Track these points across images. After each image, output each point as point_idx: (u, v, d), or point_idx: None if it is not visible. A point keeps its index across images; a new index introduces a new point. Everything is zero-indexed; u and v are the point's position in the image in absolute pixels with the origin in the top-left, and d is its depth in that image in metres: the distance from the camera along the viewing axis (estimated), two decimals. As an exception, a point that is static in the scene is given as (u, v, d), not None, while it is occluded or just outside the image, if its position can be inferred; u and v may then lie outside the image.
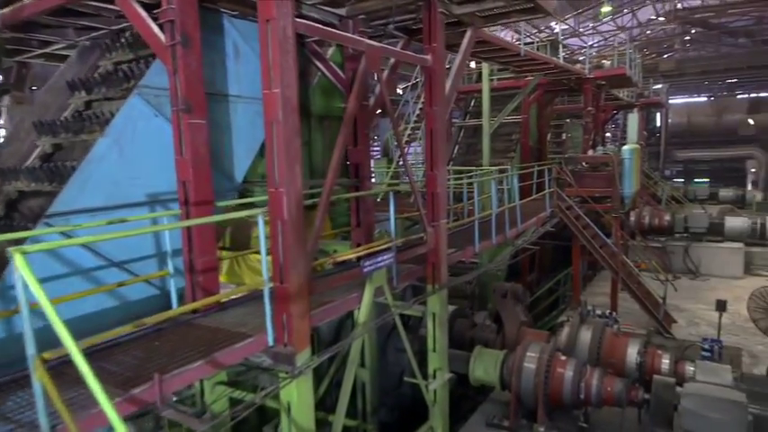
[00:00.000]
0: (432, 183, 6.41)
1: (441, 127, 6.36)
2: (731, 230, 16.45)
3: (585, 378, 6.58)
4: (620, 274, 11.74)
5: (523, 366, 6.77)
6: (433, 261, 6.46)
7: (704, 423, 5.43)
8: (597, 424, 7.02)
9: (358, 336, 5.20)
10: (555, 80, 14.66)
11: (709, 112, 36.22)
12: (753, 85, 38.54)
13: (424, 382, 6.44)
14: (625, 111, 23.40)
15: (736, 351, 9.68)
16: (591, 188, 12.86)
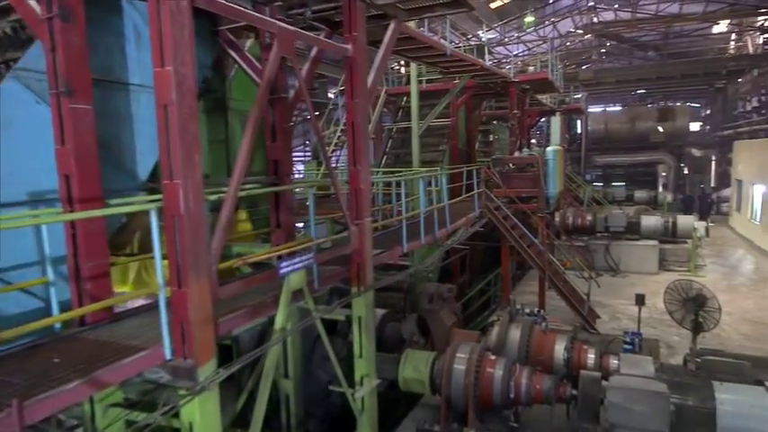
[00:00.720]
0: (354, 179, 6.09)
1: (362, 120, 6.06)
2: (646, 229, 17.33)
3: (515, 377, 6.48)
4: (546, 273, 11.94)
5: (453, 368, 6.57)
6: (357, 262, 6.13)
7: (628, 416, 5.43)
8: (527, 423, 6.95)
9: (274, 343, 4.75)
10: (482, 83, 14.86)
11: (623, 119, 38.41)
12: (661, 95, 41.48)
13: (350, 390, 6.07)
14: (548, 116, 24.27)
15: (655, 343, 10.04)
16: (518, 189, 13.07)
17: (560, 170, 13.58)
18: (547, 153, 13.06)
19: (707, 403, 5.54)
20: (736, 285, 14.85)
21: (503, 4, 30.57)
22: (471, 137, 17.08)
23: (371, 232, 6.39)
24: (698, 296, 9.60)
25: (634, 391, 5.44)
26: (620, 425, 5.51)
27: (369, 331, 6.33)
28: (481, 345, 6.86)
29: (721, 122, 36.49)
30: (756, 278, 15.60)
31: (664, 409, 5.33)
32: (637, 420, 5.39)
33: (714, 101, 40.44)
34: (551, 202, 13.31)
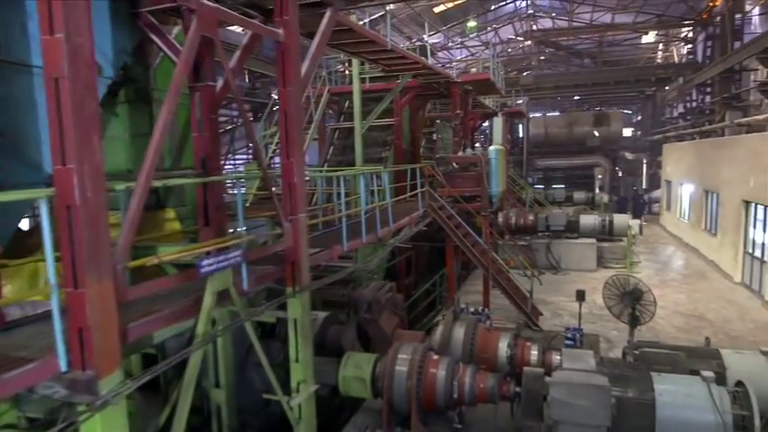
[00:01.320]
0: (287, 172, 5.72)
1: (296, 110, 5.71)
2: (585, 227, 17.85)
3: (458, 377, 6.29)
4: (490, 271, 11.95)
5: (395, 369, 6.31)
6: (292, 260, 5.76)
7: (571, 411, 5.34)
8: (472, 423, 6.78)
9: (195, 349, 4.31)
10: (426, 83, 14.79)
11: (562, 124, 39.77)
12: (596, 101, 43.34)
13: (285, 397, 5.68)
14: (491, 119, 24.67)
15: (595, 338, 10.19)
16: (461, 188, 13.06)
17: (503, 169, 13.69)
18: (489, 152, 13.12)
19: (646, 395, 5.54)
20: (668, 280, 15.48)
21: (446, 8, 30.91)
22: (416, 137, 17.00)
23: (308, 230, 6.03)
24: (634, 290, 9.81)
25: (576, 386, 5.36)
26: (563, 421, 5.41)
27: (305, 334, 5.96)
28: (424, 345, 6.63)
29: (651, 127, 38.54)
30: (686, 273, 16.34)
31: (605, 403, 5.27)
32: (579, 415, 5.30)
33: (645, 107, 42.64)
34: (494, 200, 13.39)
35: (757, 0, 25.94)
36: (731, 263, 15.36)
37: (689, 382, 5.62)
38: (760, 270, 13.47)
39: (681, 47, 35.52)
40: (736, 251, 15.00)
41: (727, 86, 22.13)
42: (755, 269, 13.84)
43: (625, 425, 5.50)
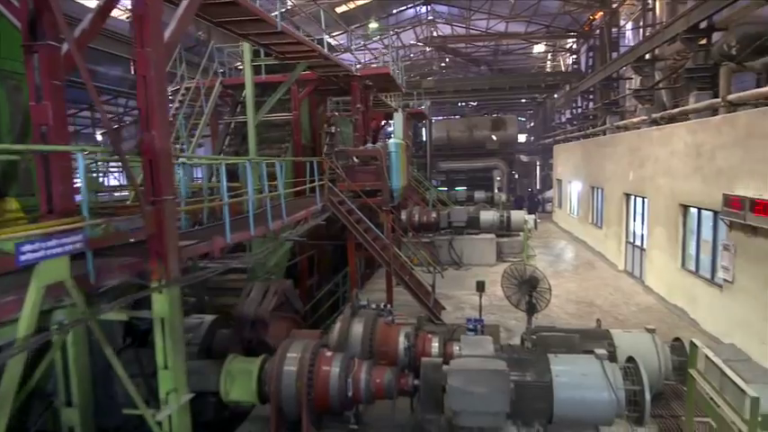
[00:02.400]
0: (148, 147, 4.90)
1: (157, 76, 4.92)
2: (485, 223, 18.29)
3: (353, 373, 5.79)
4: (392, 266, 11.64)
5: (283, 370, 5.68)
6: (156, 250, 4.94)
7: (470, 399, 5.04)
8: (371, 423, 6.31)
9: (9, 356, 3.41)
10: (324, 76, 14.26)
11: (462, 128, 41.14)
12: (494, 107, 45.45)
13: (149, 411, 4.84)
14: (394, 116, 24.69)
15: (495, 328, 10.18)
16: (362, 182, 12.68)
17: (403, 164, 13.51)
18: (389, 146, 12.88)
19: (544, 377, 5.40)
20: (561, 271, 16.18)
21: (348, 9, 30.67)
22: (316, 134, 16.43)
23: (176, 214, 5.24)
24: (531, 278, 9.96)
25: (474, 373, 5.07)
26: (462, 410, 5.10)
27: (176, 336, 5.15)
28: (316, 342, 6.06)
29: (543, 132, 41.03)
30: (577, 264, 17.21)
31: (504, 388, 5.03)
32: (479, 403, 5.02)
33: (537, 114, 45.43)
34: (396, 195, 13.14)
35: (630, 16, 28.40)
36: (615, 253, 16.39)
37: (584, 361, 5.56)
38: (640, 258, 14.44)
39: (567, 57, 38.16)
40: (620, 242, 16.02)
41: (607, 93, 23.86)
42: (636, 257, 14.83)
43: (524, 409, 5.31)
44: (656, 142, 13.01)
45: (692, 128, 11.15)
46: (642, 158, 13.96)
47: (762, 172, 8.50)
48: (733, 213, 8.94)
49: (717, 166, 9.92)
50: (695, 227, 11.22)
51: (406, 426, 5.98)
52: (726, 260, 9.54)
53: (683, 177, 11.37)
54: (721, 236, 9.90)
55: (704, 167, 10.42)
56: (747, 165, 8.92)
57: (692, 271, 11.33)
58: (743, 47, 11.14)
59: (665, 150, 12.42)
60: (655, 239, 13.16)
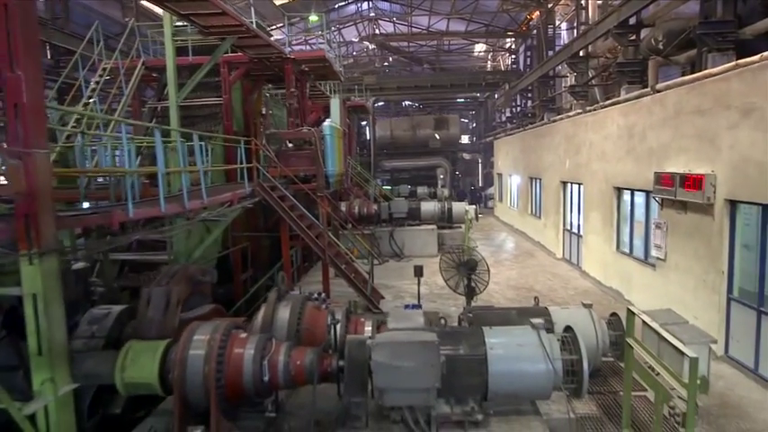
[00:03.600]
0: (13, 89, 4.11)
1: (23, 3, 4.14)
2: (426, 214, 18.05)
3: (270, 355, 5.17)
4: (327, 254, 11.06)
5: (188, 354, 4.98)
6: (25, 212, 4.15)
7: (397, 376, 4.56)
8: (293, 411, 5.71)
9: None
10: (256, 57, 13.49)
11: (406, 127, 41.24)
12: (436, 106, 45.77)
13: (15, 404, 4.04)
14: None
15: (434, 314, 9.81)
16: (295, 167, 12.04)
17: (339, 149, 12.96)
18: (323, 128, 12.30)
19: (478, 350, 4.99)
20: (502, 260, 16.14)
21: (287, 1, 29.81)
22: (250, 122, 15.57)
23: (49, 172, 4.46)
24: (469, 260, 9.67)
25: (401, 345, 4.59)
26: (388, 388, 4.61)
27: (54, 316, 4.38)
28: (228, 323, 5.38)
29: (485, 131, 41.64)
30: (517, 253, 17.25)
31: (434, 362, 4.57)
32: (406, 379, 4.53)
33: (478, 114, 46.14)
34: (331, 180, 12.57)
35: (564, 16, 29.19)
36: (554, 241, 16.52)
37: (520, 333, 5.21)
38: (577, 244, 14.56)
39: (506, 57, 38.88)
40: (558, 230, 16.15)
41: (544, 91, 24.30)
42: (573, 244, 14.96)
43: (457, 385, 4.88)
44: (591, 128, 13.13)
45: (624, 110, 11.26)
46: (578, 145, 14.08)
47: (690, 147, 8.57)
48: (664, 191, 8.98)
49: (648, 146, 10.00)
50: (629, 209, 11.33)
51: (332, 412, 5.41)
52: (658, 238, 9.60)
53: (617, 160, 11.46)
54: (654, 216, 9.98)
55: (636, 148, 10.51)
56: (677, 142, 8.99)
57: (626, 253, 11.43)
58: (668, 41, 11.44)
59: (599, 135, 12.53)
60: (591, 225, 13.26)
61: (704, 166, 8.11)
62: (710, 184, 7.87)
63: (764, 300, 7.21)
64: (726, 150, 7.65)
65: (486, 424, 5.02)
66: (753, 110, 7.03)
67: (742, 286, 7.71)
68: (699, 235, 8.37)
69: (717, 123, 7.84)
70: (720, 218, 7.85)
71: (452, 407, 4.96)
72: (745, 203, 7.49)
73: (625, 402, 5.83)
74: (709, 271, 8.14)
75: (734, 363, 7.73)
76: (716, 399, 6.81)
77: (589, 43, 16.81)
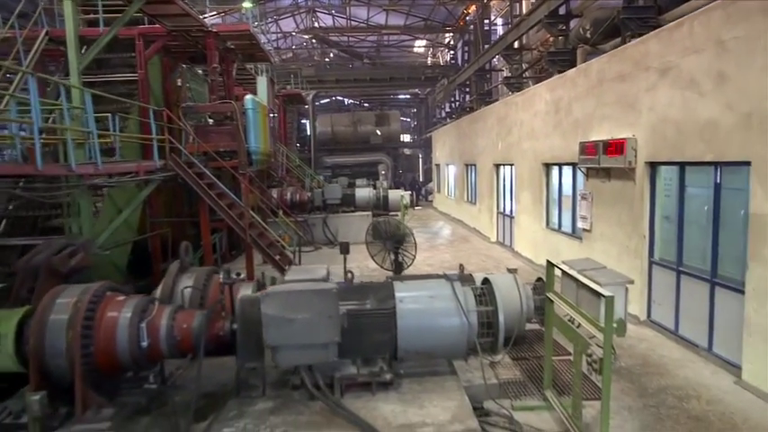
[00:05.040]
0: None
1: None
2: (361, 200, 17.64)
3: (151, 317, 4.50)
4: (248, 233, 10.36)
5: (48, 320, 4.23)
6: None
7: (289, 330, 4.02)
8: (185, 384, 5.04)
9: None
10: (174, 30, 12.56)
11: (347, 123, 40.82)
12: (377, 102, 45.61)
13: None
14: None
15: (345, 273, 9.42)
16: (215, 143, 11.25)
17: (264, 125, 12.26)
18: (246, 102, 11.56)
19: (386, 303, 4.54)
20: (437, 245, 15.91)
21: (219, -13, 28.59)
22: (171, 102, 14.54)
23: None
24: (396, 234, 9.28)
25: (292, 295, 4.05)
26: (281, 345, 4.06)
27: None
28: (101, 285, 4.66)
29: (426, 127, 41.80)
30: (452, 239, 17.09)
31: (331, 312, 4.06)
32: (300, 334, 4.01)
33: (419, 111, 46.33)
34: (255, 159, 11.84)
35: (500, 11, 29.65)
36: (488, 225, 16.47)
37: (432, 285, 4.81)
38: (510, 226, 14.52)
39: (445, 53, 39.18)
40: (491, 214, 16.11)
41: (481, 85, 24.48)
42: (507, 227, 14.92)
43: (362, 343, 4.41)
44: (521, 107, 13.10)
45: (551, 85, 11.24)
46: (509, 126, 14.05)
47: (613, 114, 8.55)
48: (589, 160, 8.92)
49: (574, 118, 9.97)
50: (557, 184, 11.31)
51: (229, 383, 4.80)
52: (584, 209, 9.56)
53: (545, 136, 11.43)
54: (580, 188, 9.95)
55: (563, 122, 10.48)
56: (600, 110, 8.96)
57: (555, 229, 11.40)
58: (595, 30, 11.62)
59: (528, 113, 12.51)
60: (522, 205, 13.22)
61: (626, 131, 8.08)
62: (631, 148, 7.83)
63: (683, 259, 7.22)
64: (645, 113, 7.62)
65: (397, 386, 4.58)
66: (669, 68, 7.01)
67: (662, 256, 7.71)
68: (621, 201, 8.34)
69: (637, 87, 7.81)
70: (641, 182, 7.82)
71: (359, 368, 4.48)
72: (664, 164, 7.47)
73: (547, 360, 5.57)
74: (632, 236, 8.11)
75: (656, 326, 7.72)
76: (638, 359, 6.72)
77: (522, 34, 16.96)
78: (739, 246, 6.00)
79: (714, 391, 5.76)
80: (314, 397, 4.30)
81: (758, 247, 5.59)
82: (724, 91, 6.04)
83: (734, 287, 6.12)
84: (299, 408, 4.25)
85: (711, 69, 6.22)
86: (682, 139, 6.83)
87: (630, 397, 5.69)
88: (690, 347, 6.90)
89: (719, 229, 6.45)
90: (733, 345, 6.12)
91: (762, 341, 5.60)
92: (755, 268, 5.65)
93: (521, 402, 5.51)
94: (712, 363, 6.45)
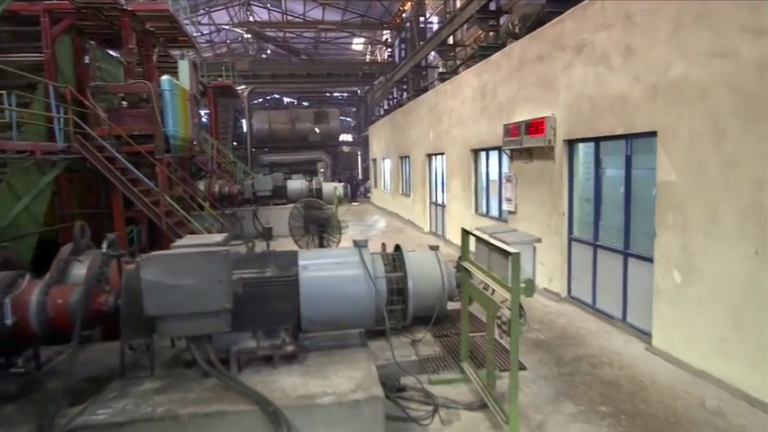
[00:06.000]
0: None
1: None
2: (293, 192, 17.18)
3: (18, 293, 3.97)
4: (164, 220, 9.73)
5: None
6: None
7: (171, 297, 3.64)
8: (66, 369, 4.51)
9: None
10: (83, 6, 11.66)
11: (285, 120, 40.05)
12: (316, 99, 45.06)
13: None
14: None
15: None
16: (129, 126, 10.52)
17: (184, 109, 11.59)
18: (162, 82, 10.87)
19: (288, 270, 4.24)
20: (371, 236, 15.69)
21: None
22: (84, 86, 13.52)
23: None
24: (319, 217, 8.99)
25: (176, 258, 3.67)
26: (163, 315, 3.67)
27: None
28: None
29: (365, 126, 41.68)
30: (386, 231, 16.98)
31: (222, 276, 3.70)
32: (186, 301, 3.64)
33: (359, 109, 46.18)
34: (174, 143, 11.17)
35: (435, 9, 29.98)
36: (422, 216, 16.47)
37: (339, 252, 4.57)
38: (442, 215, 14.54)
39: (383, 51, 39.23)
40: (424, 205, 16.11)
41: (417, 81, 24.61)
42: (439, 216, 14.95)
43: (262, 313, 4.09)
44: (450, 95, 13.15)
45: (477, 71, 11.31)
46: (439, 114, 14.08)
47: (534, 96, 8.64)
48: (512, 142, 8.99)
49: (498, 102, 10.05)
50: (485, 170, 11.38)
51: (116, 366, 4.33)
52: (509, 192, 9.63)
53: (473, 122, 11.48)
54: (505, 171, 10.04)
55: (489, 107, 10.55)
56: (522, 92, 9.05)
57: (483, 214, 11.47)
58: (524, 25, 11.84)
59: (457, 101, 12.55)
60: (453, 193, 13.26)
61: (546, 110, 8.18)
62: (551, 127, 7.93)
63: (599, 233, 7.36)
64: (563, 92, 7.73)
65: (302, 359, 4.28)
66: (584, 46, 7.13)
67: (579, 235, 7.84)
68: (543, 181, 8.44)
69: (554, 66, 7.92)
70: (560, 160, 7.93)
71: (260, 341, 4.15)
72: (581, 141, 7.60)
73: (463, 331, 5.46)
74: (552, 214, 8.21)
75: (576, 302, 7.84)
76: (557, 332, 6.76)
77: (455, 30, 17.16)
78: (651, 221, 6.14)
79: (626, 357, 5.86)
80: (208, 374, 3.93)
81: (664, 213, 5.73)
82: (632, 64, 6.18)
83: (644, 256, 6.27)
84: (191, 386, 3.87)
85: (621, 44, 6.35)
86: (595, 114, 6.95)
87: (547, 366, 5.68)
88: (606, 320, 7.04)
89: (631, 202, 6.61)
90: (644, 314, 6.26)
91: (669, 306, 5.74)
92: (662, 235, 5.79)
93: (438, 376, 5.37)
94: (626, 332, 6.59)
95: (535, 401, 4.88)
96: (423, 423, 4.45)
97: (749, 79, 4.61)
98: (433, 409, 4.59)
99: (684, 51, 5.35)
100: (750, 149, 4.64)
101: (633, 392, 4.99)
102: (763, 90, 4.47)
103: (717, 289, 5.06)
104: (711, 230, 5.09)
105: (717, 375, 5.09)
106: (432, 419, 4.47)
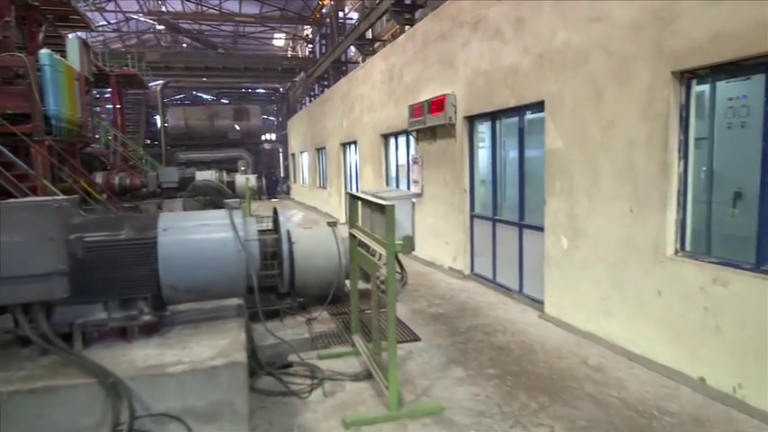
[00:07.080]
0: None
1: None
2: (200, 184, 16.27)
3: None
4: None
5: None
6: None
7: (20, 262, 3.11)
8: None
9: None
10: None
11: (202, 116, 38.45)
12: (236, 96, 43.63)
13: None
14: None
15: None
16: (2, 104, 9.43)
17: (70, 89, 10.60)
18: (40, 56, 9.84)
19: (145, 233, 3.80)
20: (285, 228, 15.23)
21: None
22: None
23: None
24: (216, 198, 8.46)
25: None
26: None
27: None
28: None
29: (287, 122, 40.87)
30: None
31: (52, 233, 3.19)
32: (5, 263, 3.11)
33: (281, 107, 45.25)
34: (57, 124, 10.15)
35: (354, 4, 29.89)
36: (337, 207, 16.20)
37: (207, 214, 4.19)
38: (357, 205, 14.34)
39: (304, 47, 38.64)
40: (339, 196, 15.85)
41: (338, 77, 24.35)
42: (355, 206, 14.73)
43: (115, 280, 3.63)
44: (361, 81, 12.99)
45: (385, 54, 11.23)
46: (351, 102, 13.88)
47: (436, 75, 8.62)
48: (417, 122, 8.92)
49: (405, 84, 9.98)
50: (394, 154, 11.30)
51: None
52: (415, 173, 9.57)
53: (381, 107, 11.37)
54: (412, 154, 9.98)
55: (396, 90, 10.46)
56: (426, 72, 9.02)
57: (394, 200, 11.37)
58: None
59: (367, 86, 12.40)
60: (365, 180, 13.10)
61: (447, 89, 8.17)
62: (451, 104, 7.92)
63: (498, 209, 7.42)
64: (462, 68, 7.75)
65: (165, 332, 3.86)
66: (480, 21, 7.16)
67: (480, 212, 7.89)
68: (446, 160, 8.43)
69: (454, 44, 7.93)
70: (461, 137, 7.94)
71: (112, 312, 3.68)
72: (479, 117, 7.64)
73: (353, 303, 5.24)
74: (455, 193, 8.21)
75: (478, 278, 7.88)
76: (456, 306, 6.72)
77: (372, 23, 17.10)
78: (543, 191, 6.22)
79: (519, 325, 5.89)
80: (47, 352, 3.42)
81: (553, 181, 5.81)
82: (522, 36, 6.25)
83: (537, 225, 6.35)
84: (23, 364, 3.35)
85: (512, 16, 6.41)
86: (491, 88, 7.00)
87: (441, 337, 5.58)
88: (505, 293, 7.09)
89: (524, 174, 6.69)
90: (538, 284, 6.34)
91: (557, 272, 5.83)
92: (551, 202, 5.87)
93: (327, 351, 5.12)
94: (523, 303, 6.66)
95: (425, 369, 4.74)
96: (302, 396, 4.16)
97: (623, 41, 4.73)
98: (313, 382, 4.32)
99: (567, 19, 5.45)
100: (624, 110, 4.76)
101: (522, 356, 4.98)
102: (635, 51, 4.60)
103: (598, 249, 5.17)
104: (593, 193, 5.20)
105: (600, 335, 5.20)
106: (310, 392, 4.19)
